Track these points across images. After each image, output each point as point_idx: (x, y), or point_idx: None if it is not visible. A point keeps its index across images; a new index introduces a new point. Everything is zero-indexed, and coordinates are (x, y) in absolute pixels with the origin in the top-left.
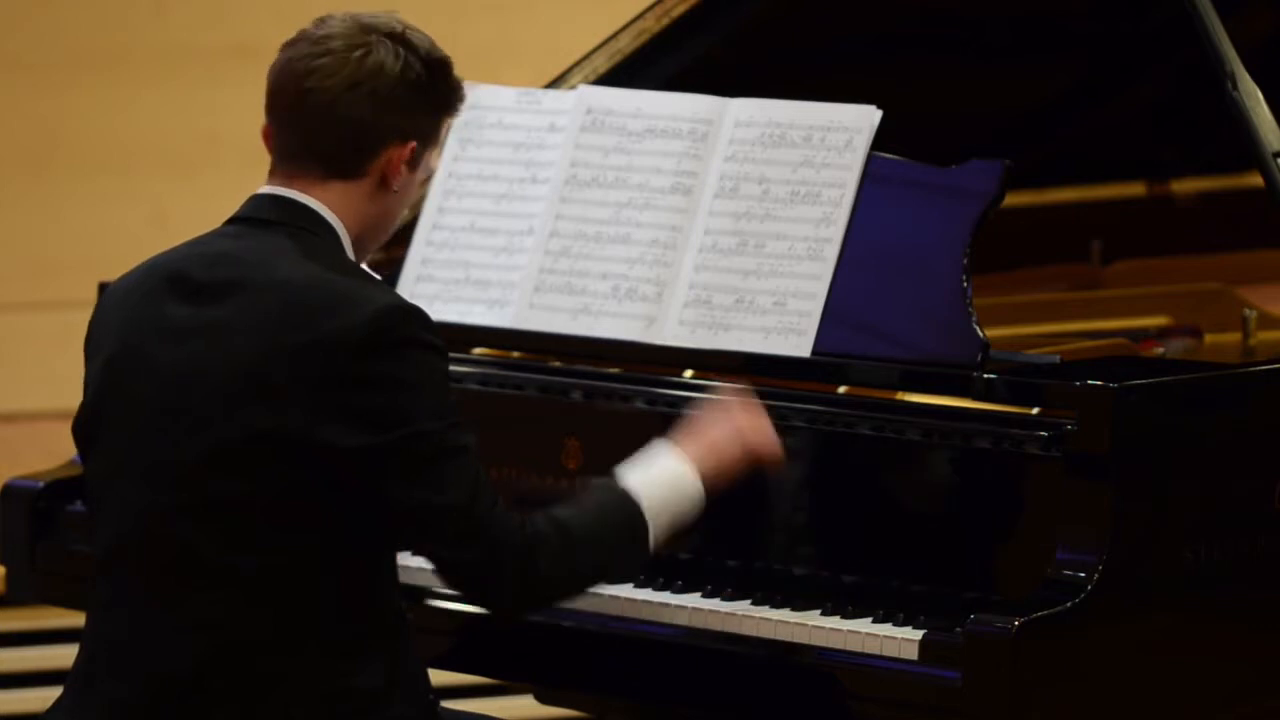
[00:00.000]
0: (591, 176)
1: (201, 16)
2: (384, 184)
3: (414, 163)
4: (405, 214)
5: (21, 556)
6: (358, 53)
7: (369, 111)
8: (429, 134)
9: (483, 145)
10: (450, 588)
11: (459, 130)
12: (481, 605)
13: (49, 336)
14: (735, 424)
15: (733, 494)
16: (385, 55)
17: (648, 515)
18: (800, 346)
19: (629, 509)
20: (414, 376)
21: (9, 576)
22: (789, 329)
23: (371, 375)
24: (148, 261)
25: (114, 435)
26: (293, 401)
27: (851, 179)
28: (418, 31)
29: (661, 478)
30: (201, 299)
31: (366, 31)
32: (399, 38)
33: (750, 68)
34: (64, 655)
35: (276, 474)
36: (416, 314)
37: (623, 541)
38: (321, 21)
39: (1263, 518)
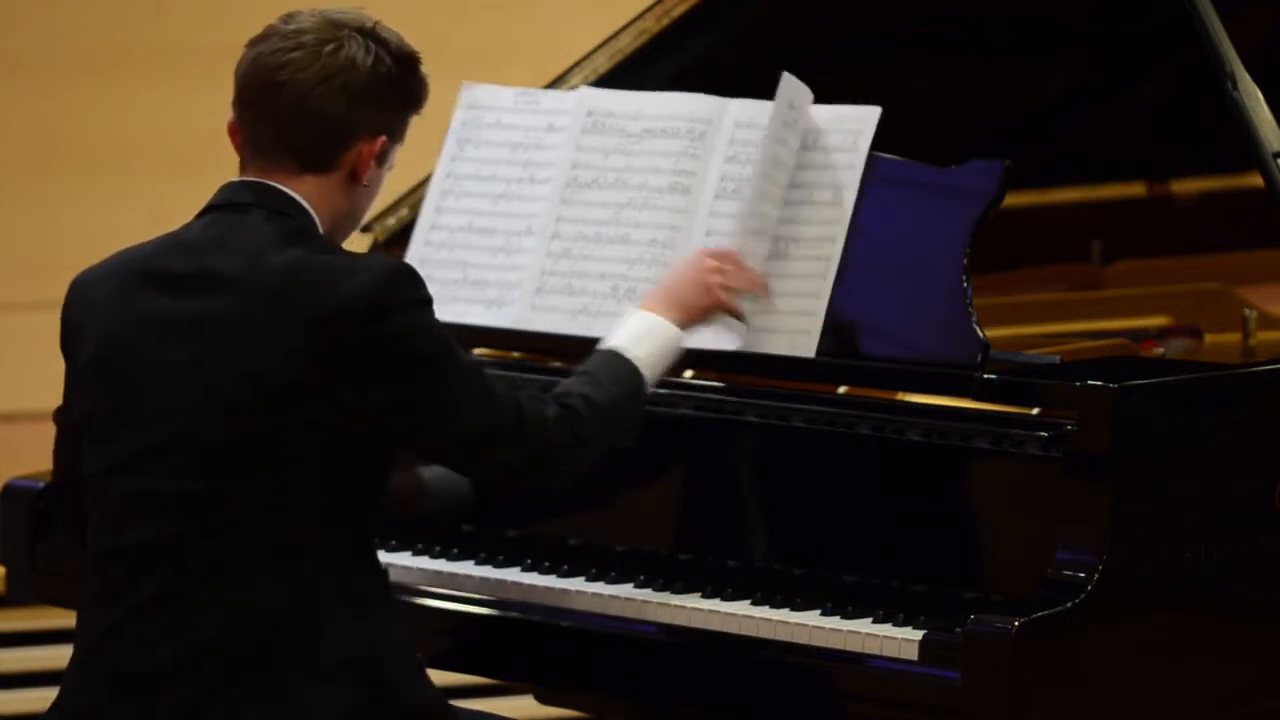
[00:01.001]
0: (592, 178)
1: (201, 16)
2: (354, 178)
3: (383, 158)
4: (405, 213)
5: (21, 556)
6: (329, 47)
7: (341, 105)
8: (398, 129)
9: (480, 145)
10: (509, 486)
11: (457, 130)
12: (540, 489)
13: (49, 336)
14: (699, 271)
15: (734, 494)
16: (357, 50)
17: (644, 371)
18: (805, 347)
19: (630, 372)
20: (420, 330)
21: (9, 576)
22: (793, 330)
23: (380, 339)
24: (117, 255)
25: (109, 432)
26: (306, 379)
27: (853, 179)
28: (386, 27)
29: (646, 335)
30: (188, 291)
31: (337, 26)
32: (369, 33)
33: (750, 68)
34: (64, 655)
35: (293, 451)
36: (408, 273)
37: (632, 397)
38: (290, 17)
39: (1263, 518)
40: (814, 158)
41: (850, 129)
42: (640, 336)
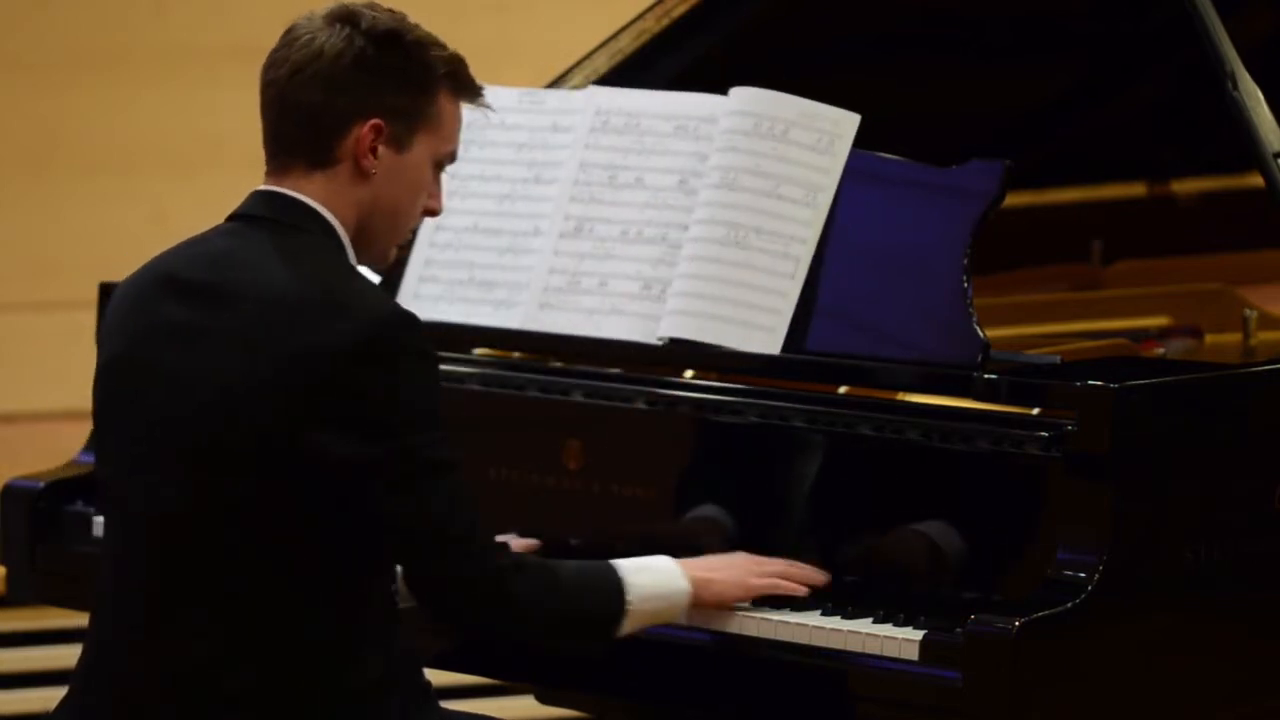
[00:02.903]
0: (600, 177)
1: (201, 16)
2: (359, 167)
3: (393, 142)
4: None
5: (21, 556)
6: (303, 39)
7: (318, 95)
8: (401, 110)
9: (485, 146)
10: (420, 601)
11: (462, 131)
12: (445, 620)
13: (49, 336)
14: (740, 561)
15: (734, 494)
16: (328, 38)
17: (629, 594)
18: (769, 344)
19: (613, 582)
20: (406, 387)
21: (9, 576)
22: (758, 326)
23: (364, 385)
24: (150, 262)
25: (117, 437)
26: (286, 409)
27: (829, 184)
28: (372, 10)
29: (651, 567)
30: (198, 302)
31: (323, 19)
32: (346, 18)
33: (750, 68)
34: (64, 655)
35: (274, 479)
36: (408, 320)
37: (599, 604)
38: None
39: (1263, 518)
40: (780, 149)
41: (824, 129)
42: (643, 567)
